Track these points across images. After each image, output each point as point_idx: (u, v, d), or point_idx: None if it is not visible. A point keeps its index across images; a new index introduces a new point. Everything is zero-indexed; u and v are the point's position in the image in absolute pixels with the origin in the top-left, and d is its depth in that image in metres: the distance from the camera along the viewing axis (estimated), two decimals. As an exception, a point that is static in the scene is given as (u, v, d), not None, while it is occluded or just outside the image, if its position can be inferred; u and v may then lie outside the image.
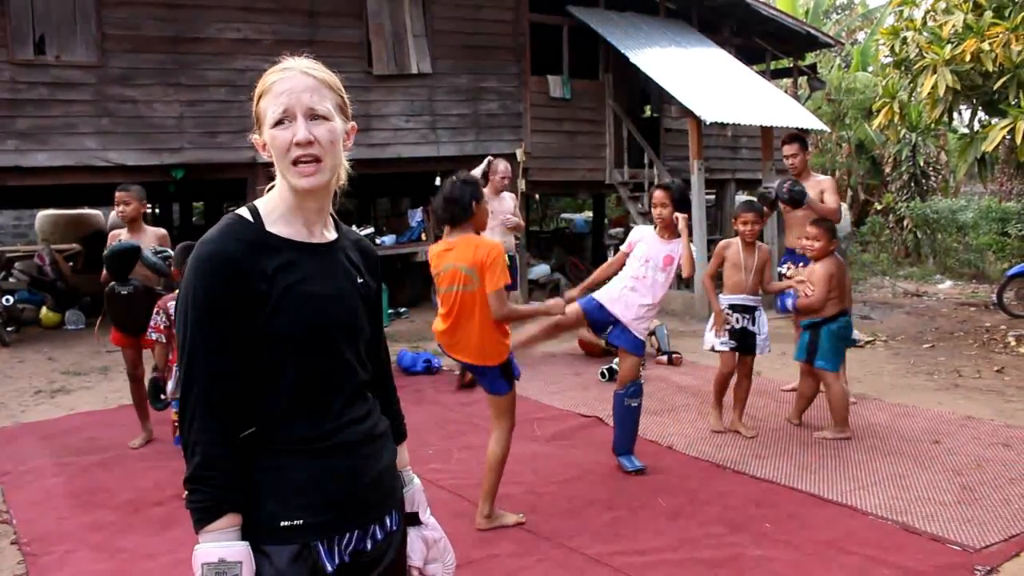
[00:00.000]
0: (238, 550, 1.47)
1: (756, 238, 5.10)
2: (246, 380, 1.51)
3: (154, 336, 4.42)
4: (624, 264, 4.69)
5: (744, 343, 5.11)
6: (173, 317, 4.19)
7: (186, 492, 1.50)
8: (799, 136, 6.02)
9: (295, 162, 1.52)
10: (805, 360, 5.14)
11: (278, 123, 1.52)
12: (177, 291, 4.26)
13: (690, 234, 4.70)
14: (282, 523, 1.51)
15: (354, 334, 1.64)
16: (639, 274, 4.55)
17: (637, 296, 4.53)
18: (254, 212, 1.57)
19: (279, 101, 1.52)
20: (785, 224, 6.16)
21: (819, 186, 5.80)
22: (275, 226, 1.56)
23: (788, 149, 5.93)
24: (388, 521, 1.67)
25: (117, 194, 5.19)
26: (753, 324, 5.10)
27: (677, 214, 4.55)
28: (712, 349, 5.18)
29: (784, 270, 5.62)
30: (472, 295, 3.69)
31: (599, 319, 4.63)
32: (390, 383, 1.84)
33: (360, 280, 1.67)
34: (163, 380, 4.47)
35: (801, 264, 5.47)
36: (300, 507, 1.53)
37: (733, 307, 5.10)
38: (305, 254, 1.56)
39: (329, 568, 1.54)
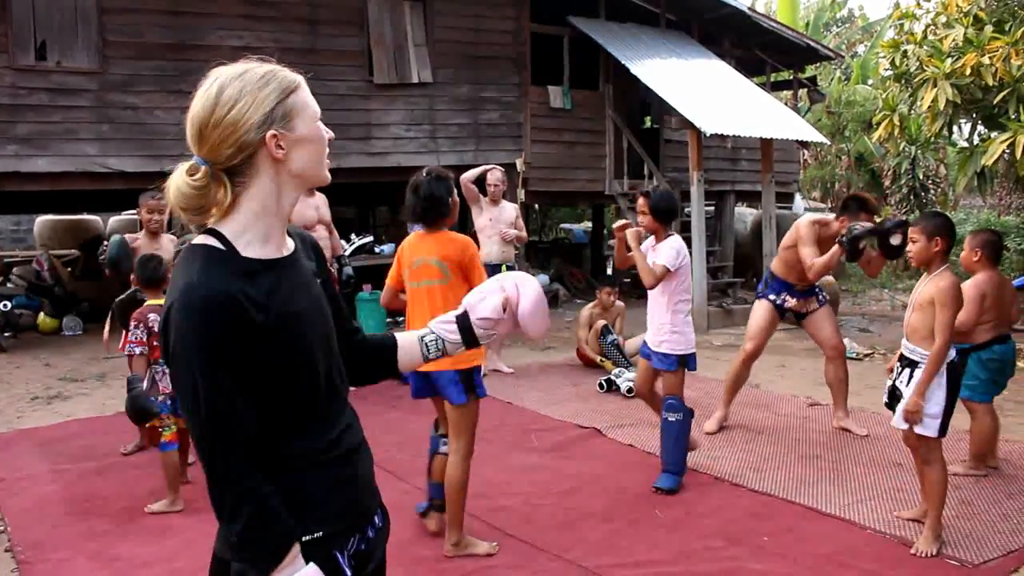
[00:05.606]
0: (313, 571, 1.47)
1: (925, 263, 3.76)
2: (256, 409, 1.48)
3: (138, 351, 4.21)
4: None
5: (892, 402, 3.87)
6: (154, 329, 4.13)
7: (238, 544, 1.43)
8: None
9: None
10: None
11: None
12: (147, 303, 4.26)
13: (639, 243, 4.50)
14: (304, 538, 1.50)
15: (333, 339, 1.65)
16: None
17: (651, 313, 4.60)
18: (221, 239, 1.48)
19: (313, 100, 1.55)
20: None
21: None
22: (248, 249, 1.49)
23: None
24: (377, 519, 1.70)
25: (148, 202, 4.93)
26: (907, 383, 3.73)
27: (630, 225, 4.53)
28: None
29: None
30: (442, 290, 3.56)
31: (647, 354, 4.64)
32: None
33: (320, 280, 1.67)
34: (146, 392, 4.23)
35: (797, 299, 5.31)
36: (319, 520, 1.53)
37: (902, 356, 3.84)
38: (281, 272, 1.53)
39: (349, 573, 1.56)
